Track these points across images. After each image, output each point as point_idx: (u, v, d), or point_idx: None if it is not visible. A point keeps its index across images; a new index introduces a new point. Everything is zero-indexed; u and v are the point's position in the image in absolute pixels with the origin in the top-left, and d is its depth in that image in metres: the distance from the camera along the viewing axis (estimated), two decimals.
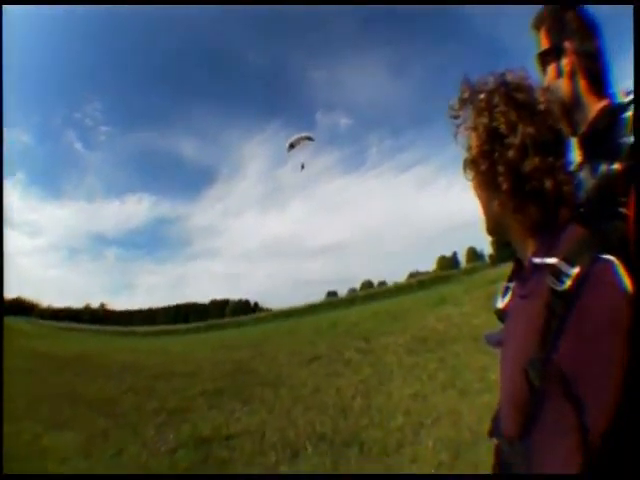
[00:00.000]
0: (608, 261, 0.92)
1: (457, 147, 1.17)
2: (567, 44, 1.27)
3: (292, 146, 20.27)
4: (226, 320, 57.69)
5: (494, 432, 1.17)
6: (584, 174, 1.20)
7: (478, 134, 1.08)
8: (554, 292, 0.93)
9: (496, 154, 1.03)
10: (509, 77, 1.08)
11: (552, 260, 0.97)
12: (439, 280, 37.48)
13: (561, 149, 1.06)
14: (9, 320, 50.80)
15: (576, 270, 0.92)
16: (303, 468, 4.91)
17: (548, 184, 1.00)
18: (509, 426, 1.05)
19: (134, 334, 48.93)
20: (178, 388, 10.53)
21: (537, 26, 1.36)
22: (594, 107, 1.25)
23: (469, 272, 38.62)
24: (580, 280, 0.91)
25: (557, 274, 0.95)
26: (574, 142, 1.28)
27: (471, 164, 1.13)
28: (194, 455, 5.76)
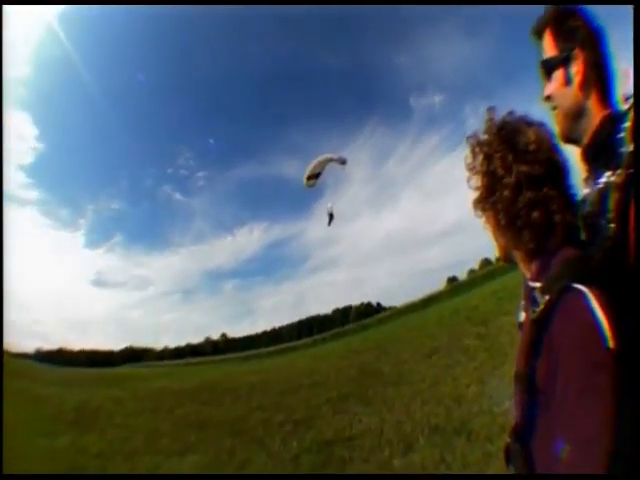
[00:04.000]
0: (577, 291, 0.99)
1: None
2: (578, 52, 1.26)
3: (314, 177, 13.92)
4: (350, 326, 58.00)
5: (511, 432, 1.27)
6: (587, 187, 1.25)
7: (481, 177, 1.23)
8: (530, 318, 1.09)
9: (497, 194, 1.18)
10: (508, 121, 1.22)
11: (536, 285, 1.12)
12: None
13: (556, 180, 1.16)
14: (122, 369, 56.08)
15: (546, 299, 1.04)
16: (415, 460, 5.10)
17: (535, 215, 1.11)
18: (515, 428, 1.20)
19: (258, 356, 50.41)
20: (304, 399, 10.96)
21: (541, 30, 1.35)
22: (598, 117, 1.24)
23: None
24: (549, 309, 1.03)
25: (533, 301, 1.10)
26: (578, 154, 1.32)
27: (477, 204, 1.27)
28: (316, 458, 6.15)
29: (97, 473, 7.40)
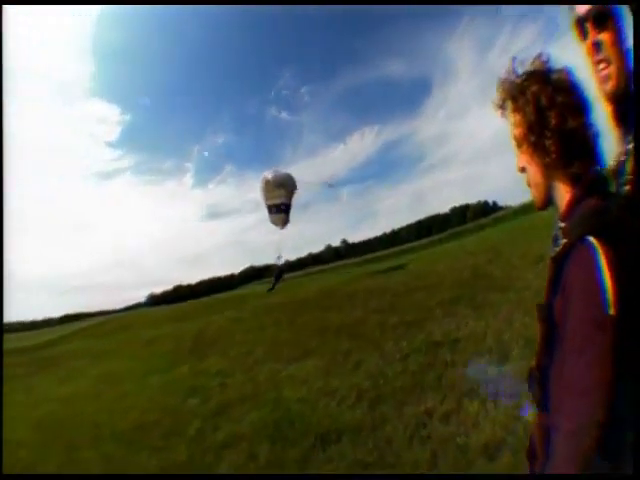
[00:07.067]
0: (589, 243, 1.04)
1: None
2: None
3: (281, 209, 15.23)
4: (467, 226, 56.34)
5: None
6: (617, 147, 1.27)
7: (524, 113, 1.24)
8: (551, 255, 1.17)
9: (542, 124, 1.20)
10: (537, 63, 1.26)
11: (562, 225, 1.20)
12: None
13: (587, 113, 1.20)
14: (243, 290, 54.65)
15: (564, 242, 1.11)
16: (509, 369, 5.23)
17: (581, 137, 1.18)
18: (537, 355, 1.27)
19: (378, 259, 49.91)
20: (418, 302, 11.18)
21: None
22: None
23: None
24: (565, 252, 1.09)
25: (554, 241, 1.21)
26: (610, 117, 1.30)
27: (523, 138, 1.27)
28: (423, 359, 6.56)
29: (218, 390, 8.21)
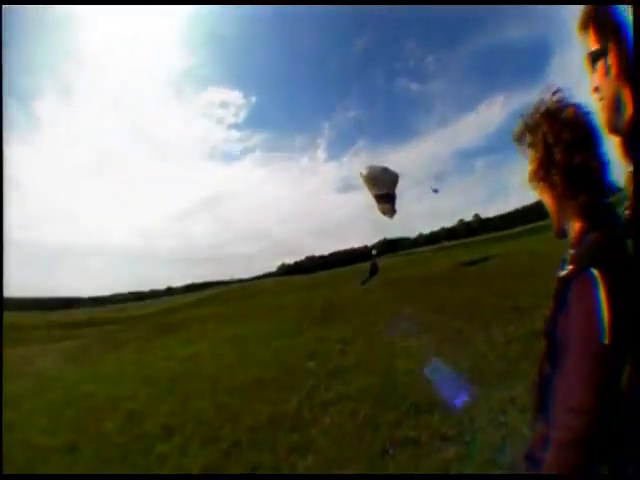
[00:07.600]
0: (590, 275, 1.09)
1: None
2: (614, 45, 1.25)
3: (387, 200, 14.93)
4: None
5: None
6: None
7: (536, 150, 1.31)
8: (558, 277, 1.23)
9: (549, 160, 1.26)
10: (551, 102, 1.30)
11: (571, 252, 1.25)
12: None
13: (595, 144, 1.24)
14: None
15: (570, 268, 1.18)
16: None
17: (594, 165, 1.22)
18: (540, 365, 1.39)
19: (509, 237, 48.25)
20: (533, 287, 10.81)
21: (585, 25, 1.32)
22: (630, 109, 1.23)
23: None
24: (569, 277, 1.16)
25: (561, 265, 1.26)
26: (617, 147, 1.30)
27: (533, 174, 1.35)
28: (522, 348, 6.63)
29: (338, 355, 8.76)
